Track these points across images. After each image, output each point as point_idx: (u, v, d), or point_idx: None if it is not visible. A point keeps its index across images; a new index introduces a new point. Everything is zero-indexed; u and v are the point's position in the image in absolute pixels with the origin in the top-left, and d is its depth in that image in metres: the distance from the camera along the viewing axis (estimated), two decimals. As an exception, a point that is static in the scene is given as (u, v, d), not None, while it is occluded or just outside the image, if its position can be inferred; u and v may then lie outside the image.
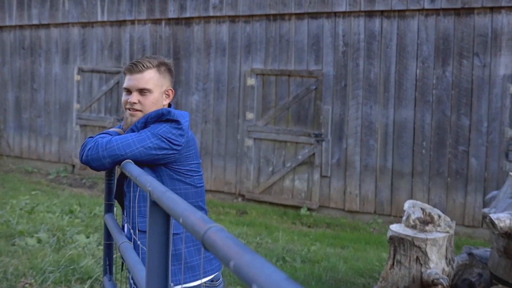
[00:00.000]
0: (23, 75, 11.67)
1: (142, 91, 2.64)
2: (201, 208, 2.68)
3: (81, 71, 10.88)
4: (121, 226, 2.68)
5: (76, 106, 10.99)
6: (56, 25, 11.15)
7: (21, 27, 11.61)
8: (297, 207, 8.74)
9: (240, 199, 9.27)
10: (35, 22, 11.34)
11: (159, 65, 2.69)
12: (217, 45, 9.36)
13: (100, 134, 2.64)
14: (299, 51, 8.68)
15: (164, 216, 1.54)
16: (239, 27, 9.15)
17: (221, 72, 9.33)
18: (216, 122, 9.40)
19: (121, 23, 10.33)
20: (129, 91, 2.68)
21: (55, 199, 8.49)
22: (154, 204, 1.56)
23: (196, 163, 2.63)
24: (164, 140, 2.47)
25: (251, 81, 9.05)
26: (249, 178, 9.13)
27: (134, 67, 2.63)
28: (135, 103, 2.63)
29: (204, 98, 9.49)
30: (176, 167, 2.54)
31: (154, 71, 2.66)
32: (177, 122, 2.51)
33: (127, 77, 2.67)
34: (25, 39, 11.59)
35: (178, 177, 2.55)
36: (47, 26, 11.27)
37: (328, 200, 8.54)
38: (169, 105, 2.80)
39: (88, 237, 6.36)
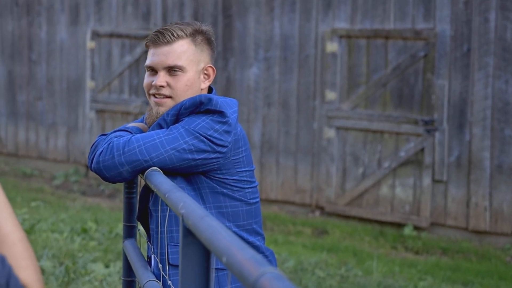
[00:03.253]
0: (17, 42, 12.04)
1: (172, 70, 2.70)
2: (256, 233, 2.72)
3: (96, 35, 11.14)
4: (146, 258, 2.76)
5: (90, 84, 11.27)
6: (62, -28, 11.45)
7: (15, -24, 11.98)
8: (400, 225, 8.70)
9: (317, 212, 9.30)
10: (33, -32, 11.68)
11: (195, 34, 2.74)
12: (283, -5, 9.40)
13: (116, 131, 2.71)
14: (401, 2, 8.62)
15: (201, 250, 1.59)
16: (314, -31, 9.17)
17: (290, 35, 9.36)
18: (284, 105, 9.45)
19: (150, -33, 10.53)
20: (153, 71, 2.74)
21: (62, 213, 8.75)
22: (189, 233, 1.61)
23: (248, 171, 2.67)
24: (204, 139, 2.53)
25: (332, 46, 9.04)
26: (330, 183, 9.15)
27: (161, 37, 2.69)
28: (162, 86, 2.69)
29: (267, 71, 9.55)
30: (221, 176, 2.59)
31: (188, 42, 2.72)
32: (221, 113, 2.56)
33: (151, 51, 2.73)
34: (21, -7, 11.94)
35: (224, 190, 2.60)
36: (49, -26, 11.59)
37: (443, 215, 8.47)
38: (210, 90, 2.85)
39: (107, 267, 6.53)
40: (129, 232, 2.93)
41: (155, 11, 10.51)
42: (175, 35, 2.69)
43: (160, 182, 2.19)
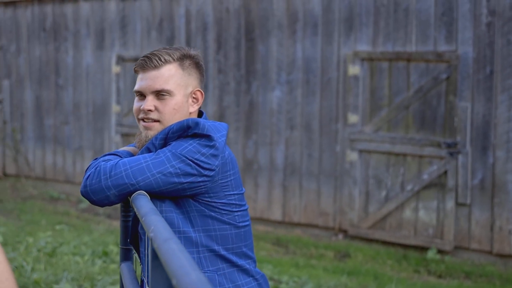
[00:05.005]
0: (44, 67, 12.20)
1: (159, 94, 2.73)
2: (246, 256, 2.72)
3: (121, 60, 11.25)
4: (140, 281, 2.77)
5: (115, 108, 11.36)
6: (88, -2, 11.60)
7: (41, 1, 12.15)
8: (423, 249, 8.63)
9: (340, 236, 9.26)
10: (60, -6, 11.86)
11: (182, 58, 2.77)
12: (305, 19, 9.43)
13: (105, 155, 2.74)
14: (422, 24, 8.60)
15: (165, 274, 1.59)
16: (336, -8, 9.19)
17: (312, 58, 9.38)
18: (306, 128, 9.45)
19: (174, -8, 10.63)
20: (142, 95, 2.77)
21: (86, 236, 8.81)
22: (155, 256, 1.62)
23: (237, 194, 2.67)
24: (191, 162, 2.54)
25: (354, 69, 9.04)
26: (353, 206, 9.11)
27: (148, 62, 2.72)
28: (150, 110, 2.72)
29: (289, 94, 9.57)
30: (209, 199, 2.60)
31: (175, 67, 2.75)
32: (208, 137, 2.57)
33: (140, 76, 2.76)
34: (46, 18, 12.11)
35: (212, 213, 2.61)
36: (75, -1, 11.75)
37: (467, 238, 8.38)
38: (200, 114, 2.87)
39: (125, 290, 6.56)
40: (126, 255, 2.95)
41: (179, 36, 10.59)
42: (163, 59, 2.72)
43: (141, 205, 2.21)
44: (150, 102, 2.72)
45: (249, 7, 9.89)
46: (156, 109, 2.73)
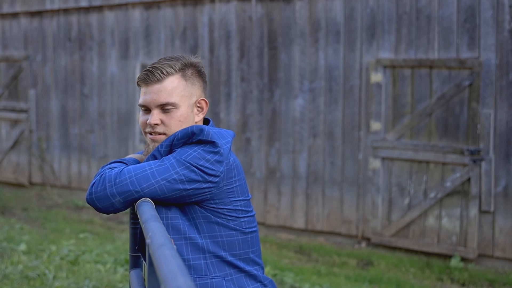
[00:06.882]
0: (70, 76, 12.29)
1: (164, 107, 2.73)
2: (254, 262, 2.71)
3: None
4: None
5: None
6: (111, 7, 11.67)
7: (66, 11, 12.25)
8: (446, 256, 8.58)
9: (363, 244, 9.22)
10: (83, 4, 11.94)
11: (184, 68, 2.77)
12: (328, 27, 9.42)
13: (111, 163, 2.75)
14: (445, 31, 8.56)
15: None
16: (358, 0, 9.17)
17: (335, 66, 9.37)
18: (329, 135, 9.43)
19: (197, 1, 10.65)
20: (147, 109, 2.78)
21: (108, 244, 8.84)
22: (151, 262, 1.62)
23: (243, 200, 2.67)
24: (195, 169, 2.54)
25: (376, 76, 9.01)
26: (376, 214, 9.08)
27: (151, 76, 2.72)
28: (156, 124, 2.72)
29: (312, 102, 9.56)
30: (215, 206, 2.59)
31: (178, 78, 2.75)
32: (212, 144, 2.57)
33: (143, 89, 2.77)
34: (72, 28, 12.21)
35: (218, 219, 2.60)
36: (99, 9, 11.83)
37: (491, 246, 8.32)
38: (207, 121, 2.87)
39: (147, 298, 6.58)
40: (135, 262, 2.95)
41: (202, 44, 10.63)
42: (165, 72, 2.72)
43: (143, 212, 2.22)
44: (155, 116, 2.73)
45: (272, 16, 9.91)
46: (162, 122, 2.75)
